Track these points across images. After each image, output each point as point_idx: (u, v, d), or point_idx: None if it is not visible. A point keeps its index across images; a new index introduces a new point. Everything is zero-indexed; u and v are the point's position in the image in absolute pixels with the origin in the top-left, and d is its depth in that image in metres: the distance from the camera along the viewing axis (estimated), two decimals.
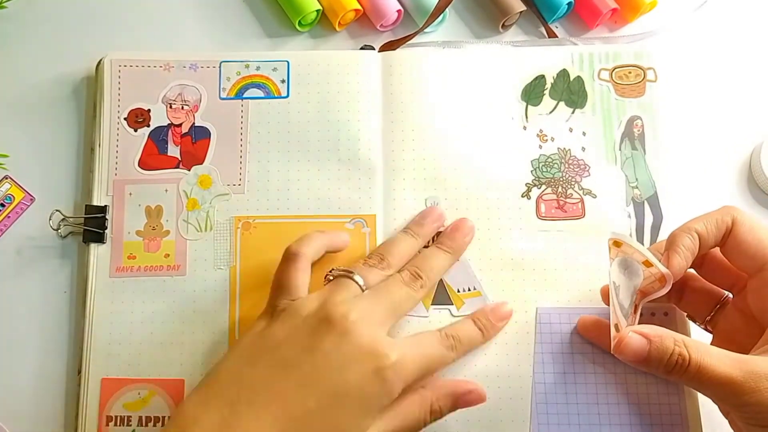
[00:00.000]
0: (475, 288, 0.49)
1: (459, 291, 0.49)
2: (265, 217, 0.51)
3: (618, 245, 0.43)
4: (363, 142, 0.52)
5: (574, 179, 0.51)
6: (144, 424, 0.47)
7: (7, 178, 0.52)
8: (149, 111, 0.53)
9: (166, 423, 0.46)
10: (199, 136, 0.52)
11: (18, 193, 0.52)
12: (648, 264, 0.41)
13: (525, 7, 0.56)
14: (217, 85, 0.53)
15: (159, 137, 0.52)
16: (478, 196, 0.51)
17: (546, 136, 0.52)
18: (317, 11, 0.55)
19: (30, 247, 0.51)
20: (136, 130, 0.52)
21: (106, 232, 0.50)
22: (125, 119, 0.52)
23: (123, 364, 0.48)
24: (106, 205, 0.50)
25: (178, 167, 0.52)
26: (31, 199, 0.52)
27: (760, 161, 0.51)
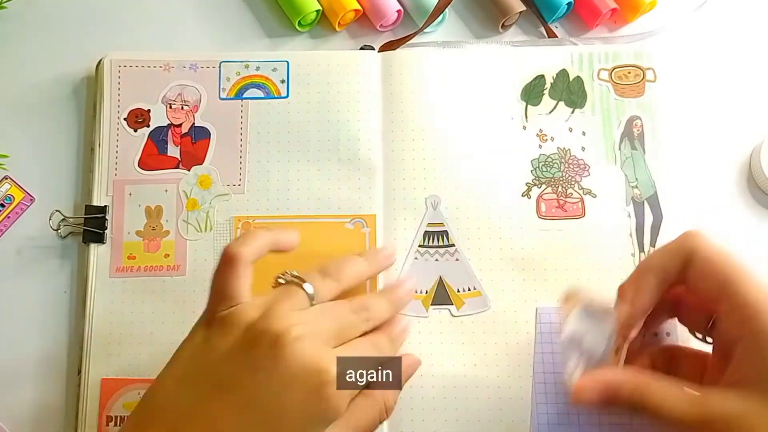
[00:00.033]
0: (475, 288, 0.49)
1: (459, 291, 0.49)
2: (265, 218, 0.51)
3: (570, 299, 0.43)
4: (363, 142, 0.52)
5: (574, 179, 0.51)
6: None
7: (7, 179, 0.52)
8: (149, 111, 0.53)
9: None
10: (199, 136, 0.52)
11: (18, 193, 0.52)
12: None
13: (525, 7, 0.56)
14: (217, 86, 0.53)
15: (159, 137, 0.52)
16: (478, 195, 0.51)
17: (546, 135, 0.52)
18: (317, 11, 0.55)
19: (30, 248, 0.51)
20: (136, 131, 0.52)
21: (106, 232, 0.50)
22: (125, 119, 0.52)
23: (123, 364, 0.48)
24: (106, 206, 0.50)
25: (177, 167, 0.52)
26: (31, 200, 0.52)
27: (760, 161, 0.51)
